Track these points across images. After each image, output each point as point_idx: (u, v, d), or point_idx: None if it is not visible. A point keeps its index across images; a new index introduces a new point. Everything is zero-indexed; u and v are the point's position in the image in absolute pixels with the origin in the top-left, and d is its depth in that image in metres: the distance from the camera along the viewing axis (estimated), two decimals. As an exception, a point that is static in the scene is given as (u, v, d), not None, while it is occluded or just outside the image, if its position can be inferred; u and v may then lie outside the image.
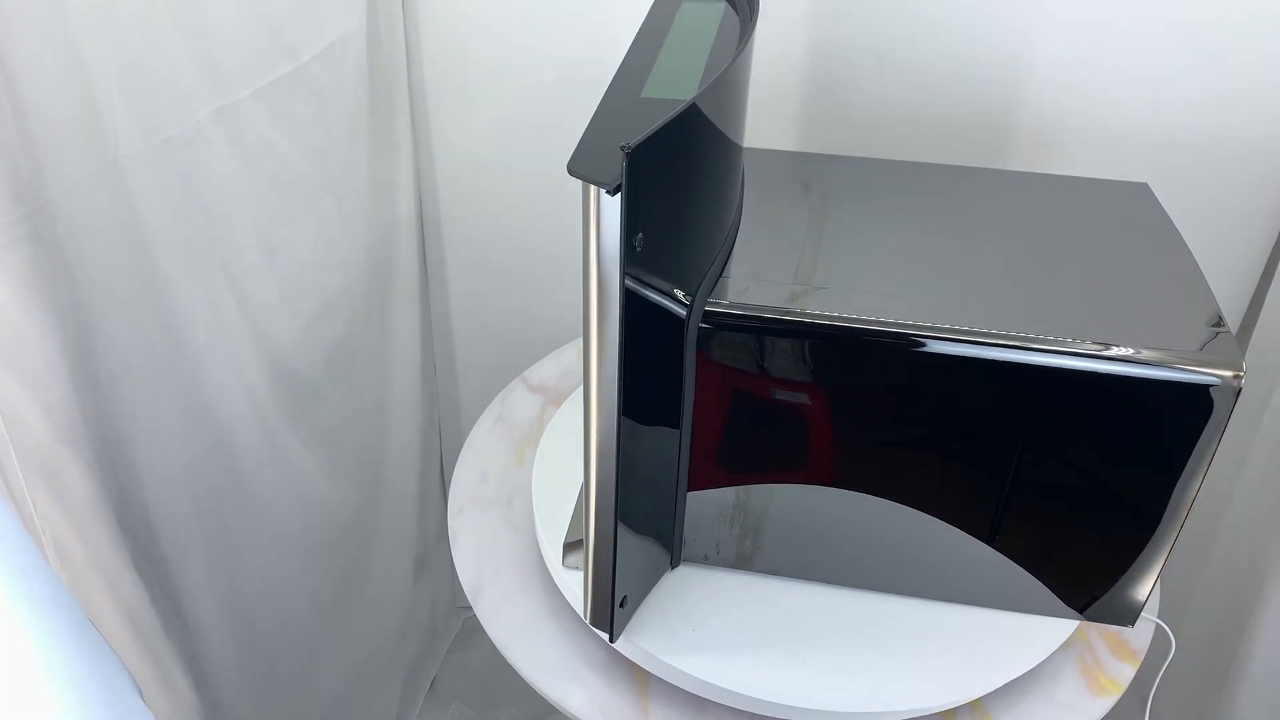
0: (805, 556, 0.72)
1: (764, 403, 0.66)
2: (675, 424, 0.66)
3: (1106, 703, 0.70)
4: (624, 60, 0.66)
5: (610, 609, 0.65)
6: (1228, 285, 0.96)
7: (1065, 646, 0.70)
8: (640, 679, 0.72)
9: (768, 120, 1.00)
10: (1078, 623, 0.70)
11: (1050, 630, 0.70)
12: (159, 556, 0.79)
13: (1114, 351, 0.60)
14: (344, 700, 1.15)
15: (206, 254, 0.79)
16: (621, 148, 0.48)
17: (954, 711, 0.67)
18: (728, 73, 0.59)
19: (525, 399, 0.95)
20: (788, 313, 0.62)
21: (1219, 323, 0.62)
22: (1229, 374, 0.59)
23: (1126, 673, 0.72)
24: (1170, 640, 0.74)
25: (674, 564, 0.74)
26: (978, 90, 0.94)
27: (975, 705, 0.68)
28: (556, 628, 0.75)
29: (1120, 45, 0.89)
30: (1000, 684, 0.67)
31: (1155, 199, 0.75)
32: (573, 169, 0.51)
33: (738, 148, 0.70)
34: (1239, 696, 0.88)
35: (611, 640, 0.68)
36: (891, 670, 0.68)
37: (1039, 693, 0.69)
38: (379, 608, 1.20)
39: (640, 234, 0.52)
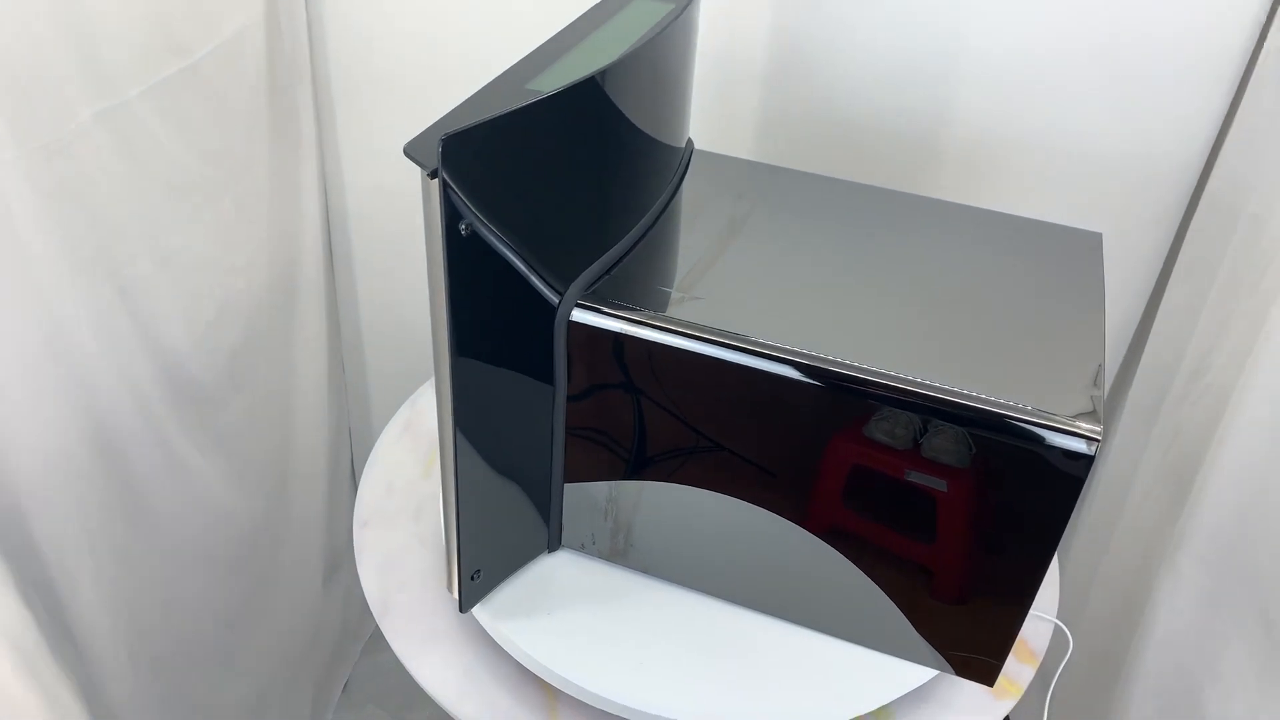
0: (678, 560, 0.72)
1: (625, 402, 0.66)
2: (537, 410, 0.67)
3: (1007, 705, 0.71)
4: (535, 50, 0.65)
5: (459, 580, 0.68)
6: (1127, 291, 0.99)
7: (968, 651, 0.72)
8: (550, 697, 0.71)
9: (729, 123, 1.00)
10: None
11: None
12: (45, 580, 0.75)
13: (958, 400, 0.58)
14: (254, 711, 1.12)
15: (93, 264, 0.75)
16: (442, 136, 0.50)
17: (861, 720, 0.68)
18: (616, 68, 0.59)
19: (435, 405, 0.93)
20: (651, 316, 0.62)
21: (1095, 386, 0.59)
22: (1083, 441, 0.56)
23: (1027, 674, 0.73)
24: (1068, 639, 0.76)
25: (551, 548, 0.75)
26: (911, 100, 0.95)
27: (880, 713, 0.69)
28: (464, 643, 0.74)
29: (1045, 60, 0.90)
30: (899, 695, 0.68)
31: (1100, 251, 0.73)
32: (407, 150, 0.52)
33: (656, 144, 0.70)
34: (1132, 688, 0.91)
35: (460, 610, 0.70)
36: (771, 684, 0.68)
37: (940, 700, 0.70)
38: (289, 615, 1.18)
39: (466, 221, 0.53)
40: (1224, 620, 0.79)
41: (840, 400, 0.60)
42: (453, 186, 0.52)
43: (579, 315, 0.64)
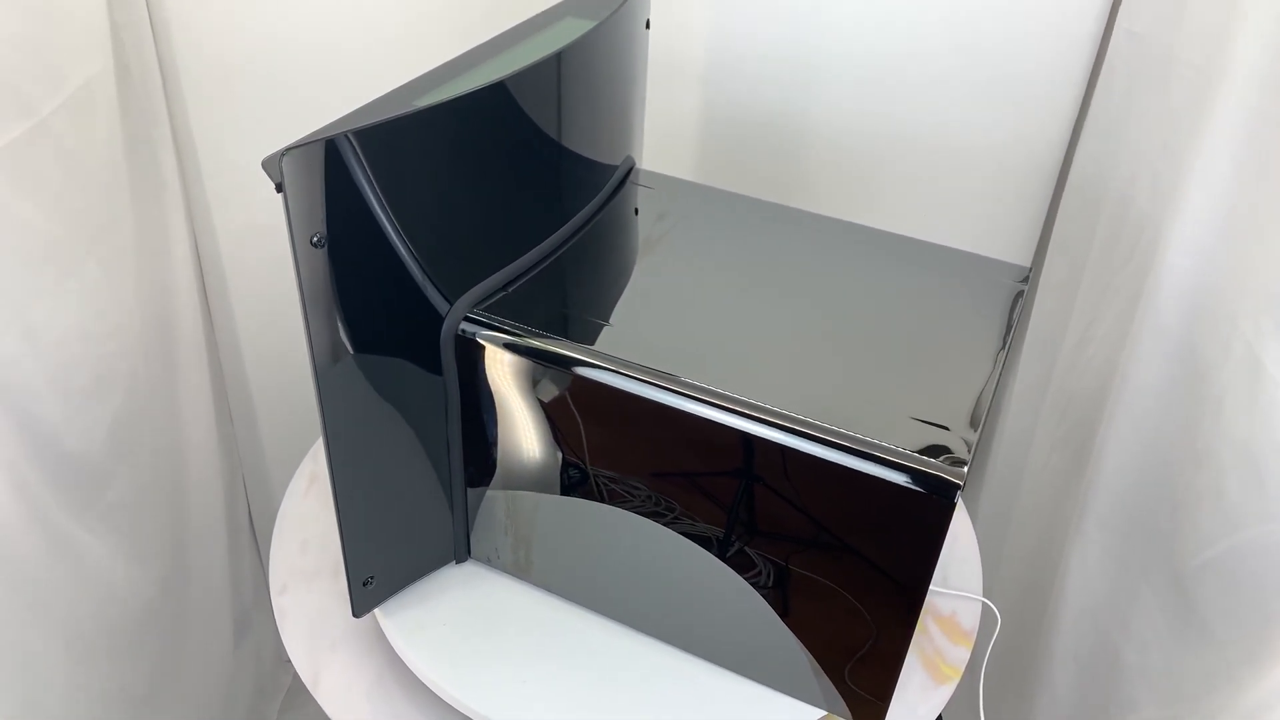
0: (578, 581, 0.71)
1: (514, 417, 0.66)
2: (428, 419, 0.66)
3: (948, 690, 0.73)
4: (436, 68, 0.63)
5: (349, 585, 0.68)
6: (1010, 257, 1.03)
7: (905, 642, 0.73)
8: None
9: (671, 143, 0.99)
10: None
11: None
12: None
13: (827, 437, 0.57)
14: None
15: (-49, 348, 0.69)
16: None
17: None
18: (498, 88, 0.59)
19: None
20: (537, 335, 0.62)
21: (971, 426, 0.58)
22: (944, 484, 0.55)
23: (963, 655, 0.75)
24: (996, 616, 0.78)
25: (459, 559, 0.74)
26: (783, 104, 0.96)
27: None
28: (405, 699, 0.72)
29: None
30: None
31: (1022, 285, 0.72)
32: (264, 164, 0.52)
33: (567, 161, 0.69)
34: (1053, 653, 0.94)
35: (354, 615, 0.70)
36: (652, 715, 0.67)
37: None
38: (201, 683, 1.12)
39: (321, 232, 0.54)
40: (1133, 578, 0.83)
41: (719, 431, 0.59)
42: (302, 200, 0.52)
43: (466, 328, 0.63)
